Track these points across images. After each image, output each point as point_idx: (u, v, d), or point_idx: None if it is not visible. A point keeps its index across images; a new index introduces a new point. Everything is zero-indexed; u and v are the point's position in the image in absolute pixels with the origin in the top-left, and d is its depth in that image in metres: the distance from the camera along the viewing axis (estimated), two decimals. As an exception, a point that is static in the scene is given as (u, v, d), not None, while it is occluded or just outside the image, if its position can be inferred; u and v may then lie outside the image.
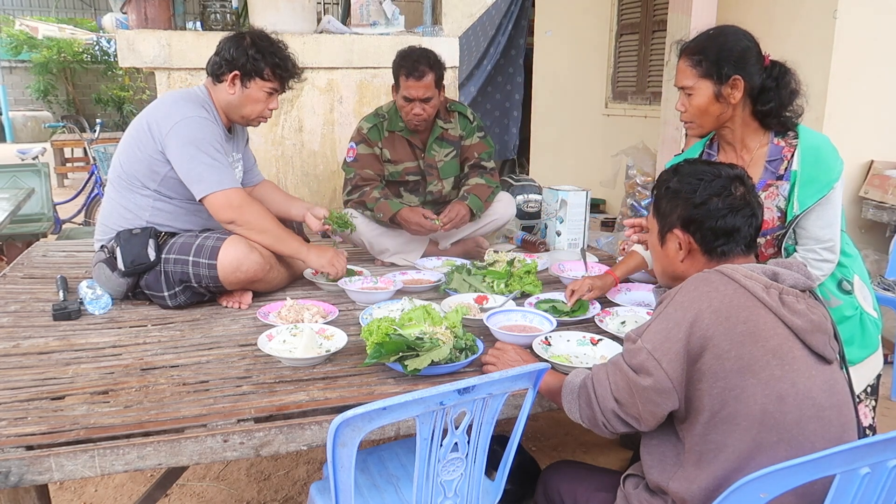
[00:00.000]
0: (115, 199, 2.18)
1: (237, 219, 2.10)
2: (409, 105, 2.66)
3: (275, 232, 2.17)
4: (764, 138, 1.88)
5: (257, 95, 2.17)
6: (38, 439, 1.29)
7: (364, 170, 2.75)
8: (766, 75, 1.81)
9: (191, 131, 2.06)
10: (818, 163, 1.80)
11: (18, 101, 14.26)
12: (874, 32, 3.71)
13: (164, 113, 2.09)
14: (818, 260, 1.81)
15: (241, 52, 2.12)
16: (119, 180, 2.16)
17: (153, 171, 2.11)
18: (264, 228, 2.14)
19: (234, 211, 2.09)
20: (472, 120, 2.90)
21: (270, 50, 2.16)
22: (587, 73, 6.16)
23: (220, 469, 2.57)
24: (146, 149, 2.09)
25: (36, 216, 4.75)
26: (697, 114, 1.85)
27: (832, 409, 1.22)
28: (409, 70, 2.60)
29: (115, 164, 2.19)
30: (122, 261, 2.05)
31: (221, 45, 2.17)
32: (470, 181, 2.84)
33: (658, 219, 1.47)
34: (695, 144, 2.08)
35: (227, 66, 2.13)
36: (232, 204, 2.09)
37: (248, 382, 1.56)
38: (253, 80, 2.14)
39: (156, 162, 2.10)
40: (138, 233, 2.09)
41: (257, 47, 2.13)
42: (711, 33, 1.84)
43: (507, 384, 1.26)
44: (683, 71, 1.84)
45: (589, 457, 2.67)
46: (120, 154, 2.17)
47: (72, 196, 6.77)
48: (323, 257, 2.22)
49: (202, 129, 2.08)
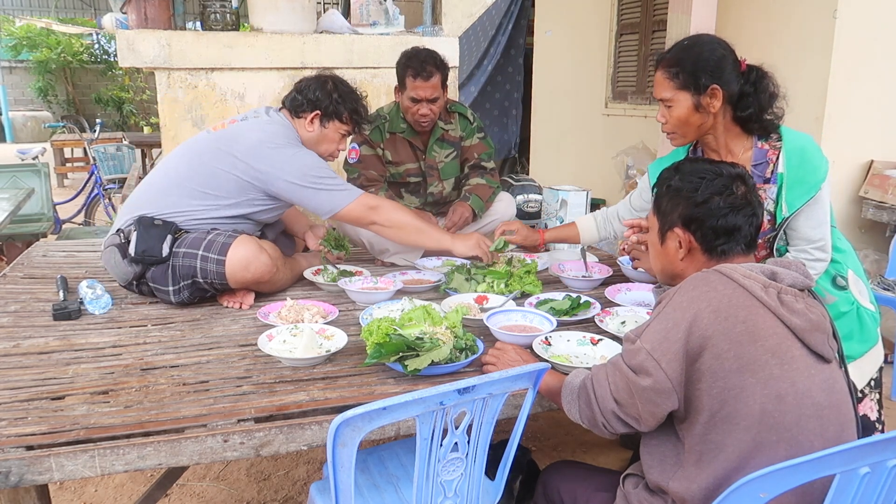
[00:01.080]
0: (162, 193, 2.17)
1: (378, 219, 2.24)
2: (416, 106, 2.65)
3: (414, 225, 2.31)
4: (747, 143, 1.89)
5: (333, 136, 2.31)
6: (39, 439, 1.29)
7: (368, 170, 2.74)
8: (743, 81, 1.81)
9: (303, 163, 2.18)
10: (804, 164, 1.81)
11: (18, 101, 14.27)
12: (874, 32, 3.72)
13: (266, 150, 2.15)
14: (811, 260, 1.82)
15: (325, 94, 2.27)
16: (183, 181, 2.16)
17: (242, 190, 2.17)
18: (403, 224, 2.29)
19: (374, 212, 2.24)
20: (472, 121, 2.90)
21: (351, 96, 2.31)
22: (587, 73, 6.16)
23: (220, 469, 2.57)
24: (236, 171, 2.14)
25: (36, 216, 4.75)
26: (678, 125, 1.86)
27: (831, 408, 1.22)
28: (417, 70, 2.59)
29: (179, 166, 2.19)
30: (135, 247, 2.05)
31: (304, 84, 2.31)
32: (471, 181, 2.84)
33: (658, 217, 1.47)
34: (677, 150, 2.07)
35: (310, 106, 2.27)
36: (369, 206, 2.23)
37: (249, 382, 1.56)
38: (332, 121, 2.28)
39: (249, 186, 2.17)
40: (159, 224, 2.10)
41: (339, 92, 2.28)
42: (686, 44, 1.84)
43: (507, 384, 1.26)
44: (661, 83, 1.85)
45: (589, 457, 2.67)
46: (192, 162, 2.17)
47: (72, 196, 6.78)
48: (468, 243, 2.37)
49: (309, 157, 2.21)
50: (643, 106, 5.48)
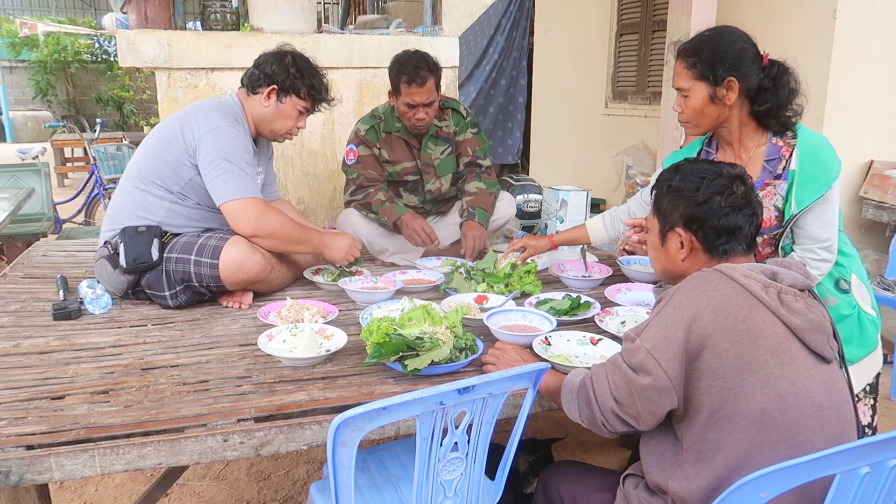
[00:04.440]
0: (128, 196, 2.17)
1: (258, 230, 2.11)
2: (412, 111, 2.63)
3: (295, 237, 2.20)
4: (762, 138, 1.89)
5: (290, 112, 2.26)
6: (39, 439, 1.29)
7: (367, 170, 2.74)
8: (763, 75, 1.81)
9: (222, 141, 2.10)
10: (816, 162, 1.80)
11: (19, 100, 14.27)
12: (874, 33, 3.72)
13: (197, 120, 2.12)
14: (816, 259, 1.81)
15: (282, 68, 2.21)
16: (137, 179, 2.16)
17: (178, 174, 2.13)
18: (286, 237, 2.17)
19: (253, 220, 2.10)
20: (465, 115, 2.89)
21: (309, 71, 2.26)
22: (587, 73, 6.16)
23: (220, 468, 2.57)
24: (174, 151, 2.11)
25: (36, 216, 4.75)
26: (693, 115, 1.86)
27: (831, 408, 1.22)
28: (411, 77, 2.56)
29: (135, 162, 2.19)
30: (125, 258, 2.05)
31: (262, 59, 2.26)
32: (469, 186, 2.81)
33: (659, 217, 1.47)
34: (693, 142, 2.09)
35: (266, 80, 2.21)
36: (251, 211, 2.10)
37: (248, 382, 1.56)
38: (289, 96, 2.23)
39: (182, 166, 2.12)
40: (143, 231, 2.09)
41: (298, 66, 2.24)
42: (707, 35, 1.84)
43: (506, 384, 1.26)
44: (679, 72, 1.86)
45: (588, 456, 2.67)
46: (144, 153, 2.18)
47: (72, 196, 6.78)
48: (338, 250, 2.28)
49: (233, 139, 2.12)
50: (643, 106, 5.48)
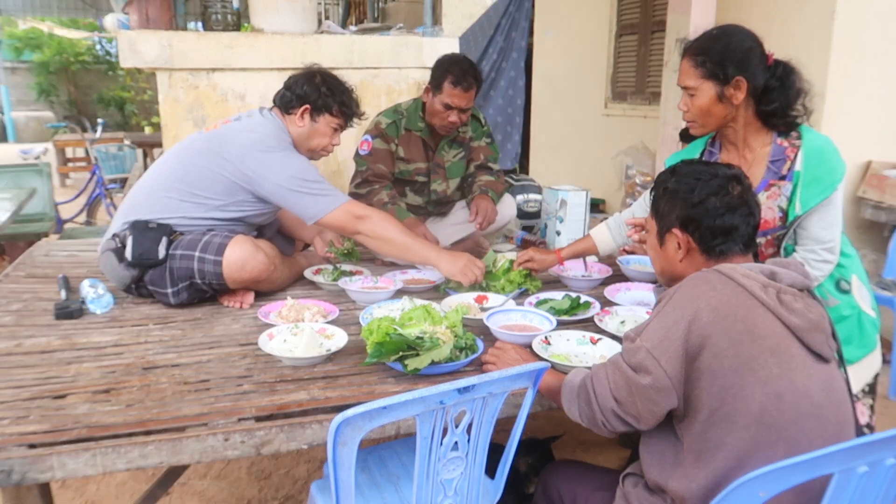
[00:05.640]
0: (152, 196, 2.17)
1: (363, 229, 2.18)
2: (448, 112, 2.63)
3: (401, 241, 2.21)
4: (767, 138, 1.88)
5: (324, 130, 2.30)
6: (40, 438, 1.29)
7: (377, 164, 2.73)
8: (769, 75, 1.80)
9: (289, 170, 2.15)
10: (821, 164, 1.79)
11: (21, 101, 14.29)
12: (873, 33, 3.72)
13: (255, 153, 2.13)
14: (818, 260, 1.81)
15: (312, 87, 2.26)
16: (181, 182, 2.15)
17: (231, 192, 2.16)
18: (389, 238, 2.21)
19: (360, 222, 2.18)
20: (483, 124, 2.91)
21: (339, 88, 2.31)
22: (587, 74, 6.16)
23: (221, 467, 2.58)
24: (225, 172, 2.13)
25: (38, 216, 4.76)
26: (700, 114, 1.85)
27: (830, 407, 1.23)
28: (458, 79, 2.56)
29: (171, 168, 2.19)
30: (131, 252, 2.05)
31: (292, 80, 2.30)
32: (481, 178, 2.84)
33: (657, 219, 1.48)
34: (695, 142, 2.08)
35: (298, 101, 2.26)
36: (355, 214, 2.18)
37: (249, 381, 1.57)
38: (322, 114, 2.28)
39: (237, 188, 2.15)
40: (154, 227, 2.10)
41: (328, 85, 2.28)
42: (715, 33, 1.83)
43: (506, 383, 1.26)
44: (686, 71, 1.84)
45: (588, 456, 2.68)
46: (184, 163, 2.18)
47: (73, 196, 6.79)
48: (455, 265, 2.22)
49: (296, 163, 2.18)
50: (643, 106, 5.48)
